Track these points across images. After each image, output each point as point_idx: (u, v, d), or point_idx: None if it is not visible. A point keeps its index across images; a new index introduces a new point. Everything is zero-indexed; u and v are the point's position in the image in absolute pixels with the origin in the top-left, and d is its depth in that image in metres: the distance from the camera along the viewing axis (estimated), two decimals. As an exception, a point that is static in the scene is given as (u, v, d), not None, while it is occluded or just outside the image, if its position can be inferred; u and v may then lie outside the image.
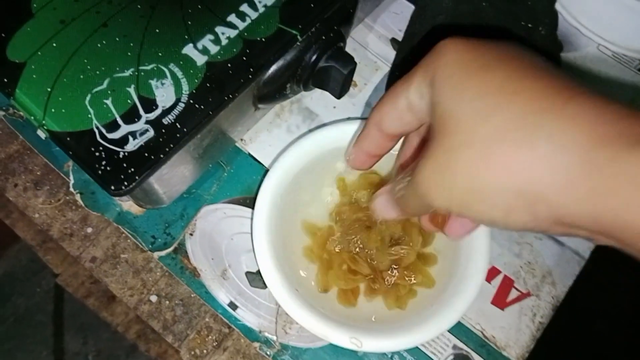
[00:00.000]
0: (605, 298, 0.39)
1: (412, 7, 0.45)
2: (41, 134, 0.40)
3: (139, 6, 0.32)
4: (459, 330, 0.37)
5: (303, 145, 0.38)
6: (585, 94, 0.20)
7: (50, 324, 1.20)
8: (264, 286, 0.37)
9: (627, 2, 0.46)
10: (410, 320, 0.35)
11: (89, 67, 0.31)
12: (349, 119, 0.42)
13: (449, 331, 0.37)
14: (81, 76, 0.30)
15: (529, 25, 0.42)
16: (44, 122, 0.29)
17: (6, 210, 0.44)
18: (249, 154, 0.41)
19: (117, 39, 0.31)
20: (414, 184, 0.24)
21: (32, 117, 0.30)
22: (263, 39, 0.33)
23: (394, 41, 0.45)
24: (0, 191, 0.39)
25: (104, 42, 0.31)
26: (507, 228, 0.22)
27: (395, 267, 0.36)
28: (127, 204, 0.39)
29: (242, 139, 0.41)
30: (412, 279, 0.35)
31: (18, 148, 0.40)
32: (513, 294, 0.38)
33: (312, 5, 0.34)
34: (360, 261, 0.35)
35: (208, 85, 0.31)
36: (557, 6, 0.44)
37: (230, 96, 0.31)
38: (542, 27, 0.42)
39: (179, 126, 0.30)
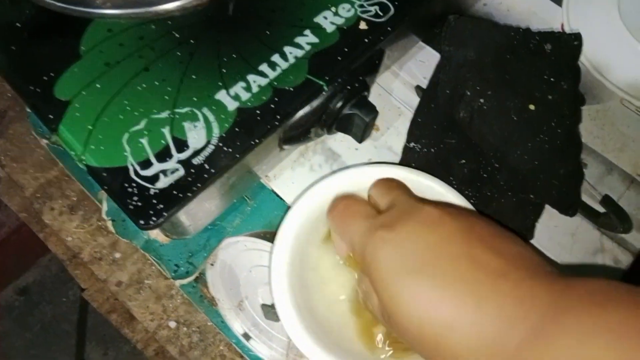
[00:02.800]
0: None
1: (438, 56, 0.47)
2: (80, 165, 0.43)
3: (178, 53, 0.35)
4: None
5: (325, 185, 0.39)
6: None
7: (74, 334, 1.24)
8: (278, 319, 0.38)
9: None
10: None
11: (128, 107, 0.33)
12: (370, 161, 0.44)
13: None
14: (121, 116, 0.33)
15: (552, 79, 0.43)
16: (83, 157, 0.32)
17: (42, 224, 0.47)
18: (272, 190, 0.43)
19: (157, 82, 0.34)
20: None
21: (73, 152, 0.32)
22: (291, 89, 0.35)
23: (418, 88, 0.46)
24: (38, 214, 0.42)
25: (144, 85, 0.34)
26: None
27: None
28: (154, 233, 0.41)
29: (266, 176, 0.43)
30: None
31: (57, 174, 0.43)
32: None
33: (339, 58, 0.36)
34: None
35: (237, 129, 0.33)
36: (582, 59, 0.45)
37: (257, 141, 0.33)
38: (564, 82, 0.43)
39: (207, 167, 0.32)
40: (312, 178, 0.43)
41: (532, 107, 0.42)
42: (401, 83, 0.46)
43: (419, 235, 0.27)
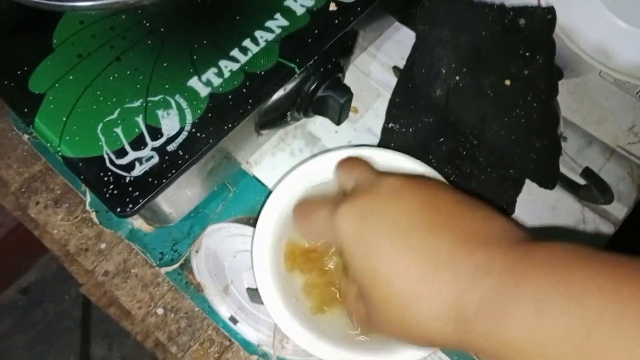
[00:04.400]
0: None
1: (414, 36, 0.47)
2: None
3: (149, 42, 0.35)
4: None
5: (305, 169, 0.40)
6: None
7: (77, 330, 1.25)
8: (263, 302, 0.39)
9: (629, 29, 0.47)
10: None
11: (101, 98, 0.33)
12: (349, 143, 0.44)
13: (442, 350, 0.38)
14: (94, 107, 0.33)
15: (527, 54, 0.43)
16: (59, 148, 0.32)
17: (35, 223, 0.47)
18: (254, 176, 0.43)
19: (129, 72, 0.34)
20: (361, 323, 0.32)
21: (49, 144, 0.32)
22: (263, 72, 0.35)
23: (396, 69, 0.47)
24: (24, 208, 0.43)
25: (116, 75, 0.34)
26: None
27: None
28: (138, 222, 0.42)
29: (247, 162, 0.43)
30: None
31: (41, 168, 0.43)
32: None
33: (310, 40, 0.36)
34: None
35: (210, 115, 0.34)
36: (559, 33, 0.45)
37: (230, 126, 0.34)
38: (539, 56, 0.43)
39: (181, 153, 0.33)
40: (293, 163, 0.43)
41: (507, 82, 0.42)
42: (379, 64, 0.47)
43: (379, 208, 0.27)
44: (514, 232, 0.25)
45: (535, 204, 0.43)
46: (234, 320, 0.40)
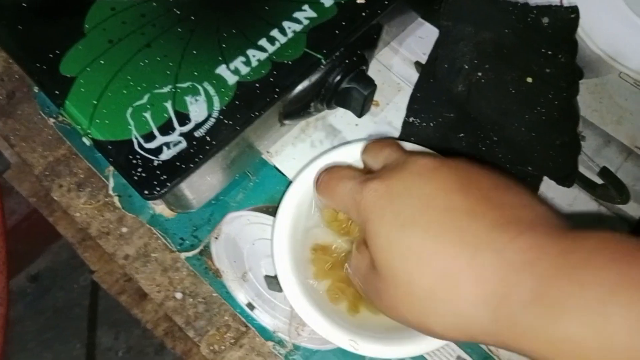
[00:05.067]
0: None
1: (437, 32, 0.47)
2: (86, 140, 0.44)
3: (179, 29, 0.36)
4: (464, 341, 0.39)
5: (325, 161, 0.40)
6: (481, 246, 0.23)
7: (85, 319, 1.26)
8: (280, 290, 0.39)
9: (650, 32, 0.47)
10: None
11: (131, 83, 0.34)
12: (370, 136, 0.45)
13: (454, 342, 0.39)
14: (124, 91, 0.34)
15: (549, 52, 0.43)
16: (89, 131, 0.33)
17: (50, 209, 0.48)
18: (274, 166, 0.43)
19: (158, 58, 0.35)
20: (369, 297, 0.29)
21: (79, 127, 0.33)
22: (290, 62, 0.35)
23: (417, 64, 0.47)
24: (47, 191, 0.43)
25: (146, 61, 0.35)
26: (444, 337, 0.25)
27: None
28: (160, 208, 0.42)
29: (268, 152, 0.44)
30: None
31: (65, 152, 0.44)
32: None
33: (337, 31, 0.36)
34: None
35: (237, 103, 0.34)
36: (580, 33, 0.46)
37: (257, 114, 0.34)
38: (561, 55, 0.43)
39: (208, 139, 0.33)
40: (313, 154, 0.43)
41: (529, 80, 0.42)
42: (400, 59, 0.47)
43: (412, 186, 0.26)
44: (557, 219, 0.24)
45: (552, 202, 0.43)
46: (251, 306, 0.41)
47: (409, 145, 0.38)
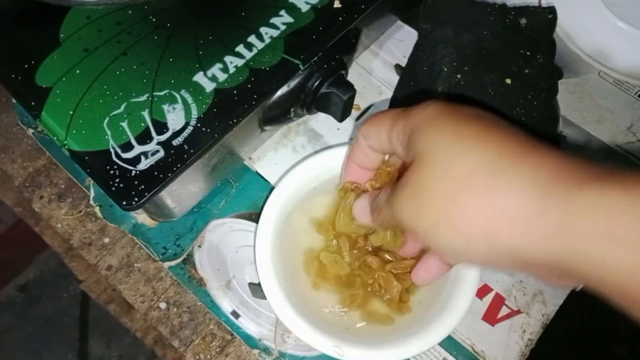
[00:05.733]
0: (594, 318, 0.40)
1: (416, 35, 0.48)
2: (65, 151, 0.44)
3: (156, 37, 0.36)
4: (449, 343, 0.39)
5: (307, 165, 0.40)
6: (543, 148, 0.23)
7: (76, 328, 1.25)
8: (264, 297, 0.39)
9: (628, 30, 0.47)
10: (401, 333, 0.36)
11: (108, 92, 0.34)
12: (351, 140, 0.44)
13: (439, 344, 0.39)
14: (101, 100, 0.33)
15: (528, 53, 0.43)
16: (65, 142, 0.32)
17: (36, 219, 0.48)
18: (256, 171, 0.43)
19: (135, 66, 0.35)
20: (391, 204, 0.27)
21: (56, 137, 0.33)
22: (268, 68, 0.35)
23: (397, 67, 0.47)
24: (28, 202, 0.43)
25: (122, 69, 0.34)
26: (469, 260, 0.24)
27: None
28: (142, 217, 0.42)
29: (250, 157, 0.44)
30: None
31: (45, 163, 0.44)
32: (504, 310, 0.39)
33: (314, 36, 0.36)
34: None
35: (215, 110, 0.34)
36: (560, 33, 0.46)
37: (235, 121, 0.34)
38: (540, 55, 0.43)
39: (187, 147, 0.33)
40: (295, 159, 0.43)
41: (508, 81, 0.42)
42: (381, 62, 0.47)
43: (464, 110, 0.26)
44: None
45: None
46: (235, 314, 0.41)
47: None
